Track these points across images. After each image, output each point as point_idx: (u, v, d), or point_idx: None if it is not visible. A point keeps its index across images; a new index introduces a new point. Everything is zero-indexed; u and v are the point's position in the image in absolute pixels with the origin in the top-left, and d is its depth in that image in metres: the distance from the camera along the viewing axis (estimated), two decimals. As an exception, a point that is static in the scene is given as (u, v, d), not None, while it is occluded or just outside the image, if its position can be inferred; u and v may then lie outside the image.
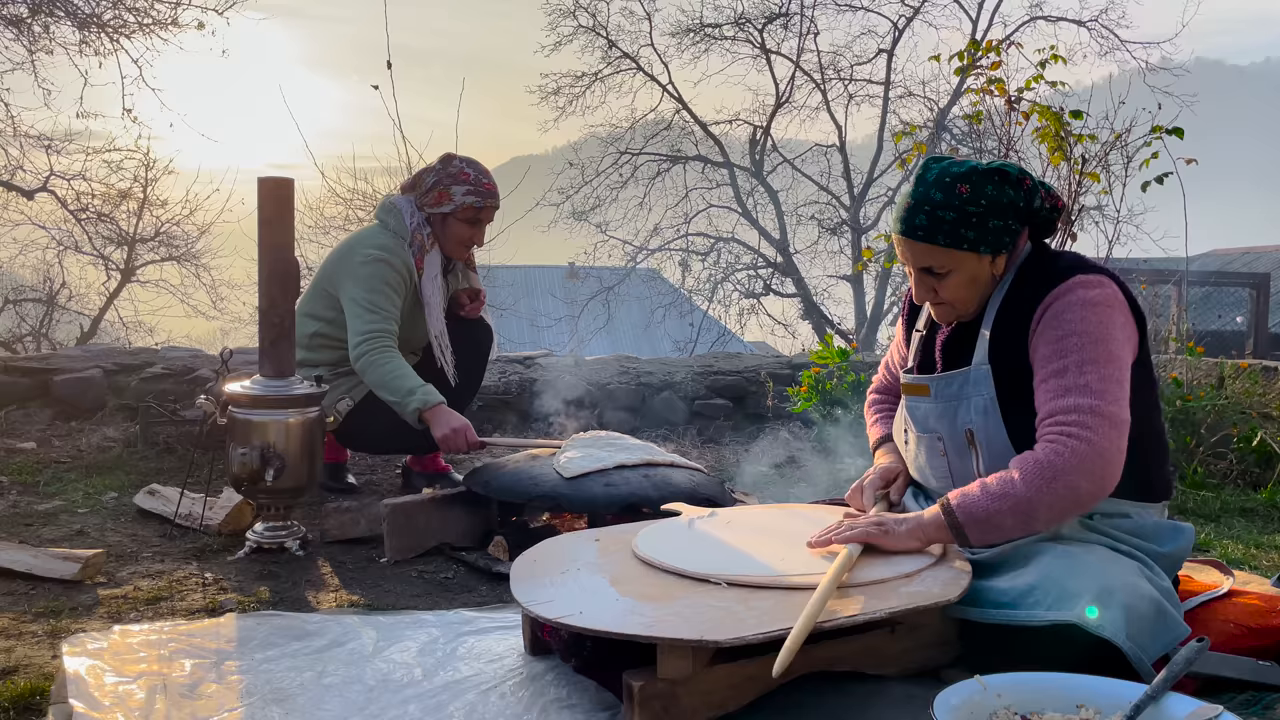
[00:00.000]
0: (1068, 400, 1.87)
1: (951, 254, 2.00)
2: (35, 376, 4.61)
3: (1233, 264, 14.75)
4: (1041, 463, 1.84)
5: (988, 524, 1.86)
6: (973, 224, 1.97)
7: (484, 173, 3.33)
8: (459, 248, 3.36)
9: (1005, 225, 2.00)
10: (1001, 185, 1.99)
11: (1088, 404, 1.85)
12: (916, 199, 2.01)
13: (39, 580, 2.52)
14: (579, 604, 1.77)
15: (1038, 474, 1.83)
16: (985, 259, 2.01)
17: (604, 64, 15.88)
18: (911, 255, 2.04)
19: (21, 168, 10.57)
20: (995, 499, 1.85)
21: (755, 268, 15.78)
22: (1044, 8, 15.50)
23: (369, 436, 3.41)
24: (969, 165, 2.01)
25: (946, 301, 2.07)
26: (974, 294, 2.05)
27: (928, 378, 2.16)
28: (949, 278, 2.02)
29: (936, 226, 1.98)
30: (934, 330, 2.22)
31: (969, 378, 2.06)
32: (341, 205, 9.05)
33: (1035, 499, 1.82)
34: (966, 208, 1.97)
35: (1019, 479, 1.84)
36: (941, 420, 2.11)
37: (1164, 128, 4.25)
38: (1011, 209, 2.00)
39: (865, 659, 1.81)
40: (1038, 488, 1.82)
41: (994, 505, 1.85)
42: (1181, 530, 2.05)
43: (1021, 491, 1.83)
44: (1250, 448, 4.17)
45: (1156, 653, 1.76)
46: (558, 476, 2.80)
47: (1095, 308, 1.93)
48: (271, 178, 2.79)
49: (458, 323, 3.48)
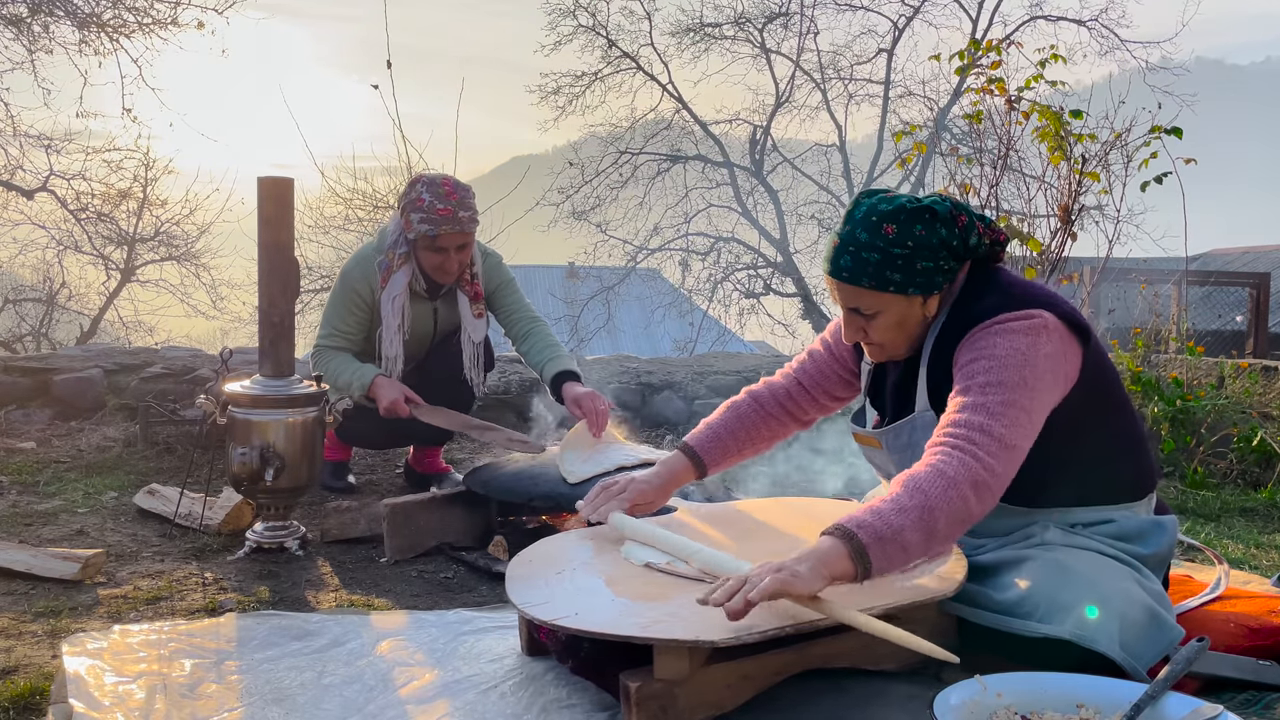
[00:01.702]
0: (962, 416, 1.79)
1: (878, 296, 1.93)
2: (35, 376, 4.61)
3: (1233, 264, 14.73)
4: (936, 470, 1.73)
5: (894, 542, 1.68)
6: (898, 266, 1.90)
7: (443, 196, 3.15)
8: (437, 273, 3.27)
9: (936, 266, 1.92)
10: (932, 224, 1.91)
11: (979, 422, 1.76)
12: (843, 238, 1.94)
13: (39, 580, 2.52)
14: (574, 605, 1.76)
15: (935, 481, 1.71)
16: (915, 300, 1.94)
17: (604, 63, 15.89)
18: (840, 295, 1.98)
19: (21, 167, 10.59)
20: (897, 514, 1.69)
21: (755, 267, 15.78)
22: (1044, 7, 15.53)
23: (370, 433, 3.42)
24: (898, 203, 1.93)
25: (876, 343, 2.02)
26: (902, 335, 2.00)
27: (877, 432, 2.12)
28: (877, 319, 1.97)
29: (861, 268, 1.91)
30: (883, 368, 2.17)
31: (915, 425, 2.03)
32: (341, 205, 9.06)
33: (936, 508, 1.69)
34: (891, 249, 1.89)
35: (917, 488, 1.71)
36: (900, 468, 2.02)
37: (1164, 127, 4.25)
38: (944, 248, 1.92)
39: (862, 655, 1.81)
40: (938, 496, 1.70)
41: (897, 520, 1.68)
42: (1164, 526, 2.02)
43: (921, 501, 1.69)
44: (1250, 447, 4.17)
45: (1152, 659, 1.75)
46: (558, 477, 2.80)
47: (1013, 335, 1.85)
48: (271, 177, 2.79)
49: (449, 363, 3.41)
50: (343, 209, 9.19)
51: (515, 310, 3.50)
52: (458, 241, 3.19)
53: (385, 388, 3.18)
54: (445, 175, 3.27)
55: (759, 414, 2.31)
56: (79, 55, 9.63)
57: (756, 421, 2.30)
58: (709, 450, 2.26)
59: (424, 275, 3.31)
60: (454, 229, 3.15)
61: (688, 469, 2.25)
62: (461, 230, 3.16)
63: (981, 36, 12.95)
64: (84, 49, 9.61)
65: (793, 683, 1.76)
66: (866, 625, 1.60)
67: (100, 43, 9.62)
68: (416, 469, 3.71)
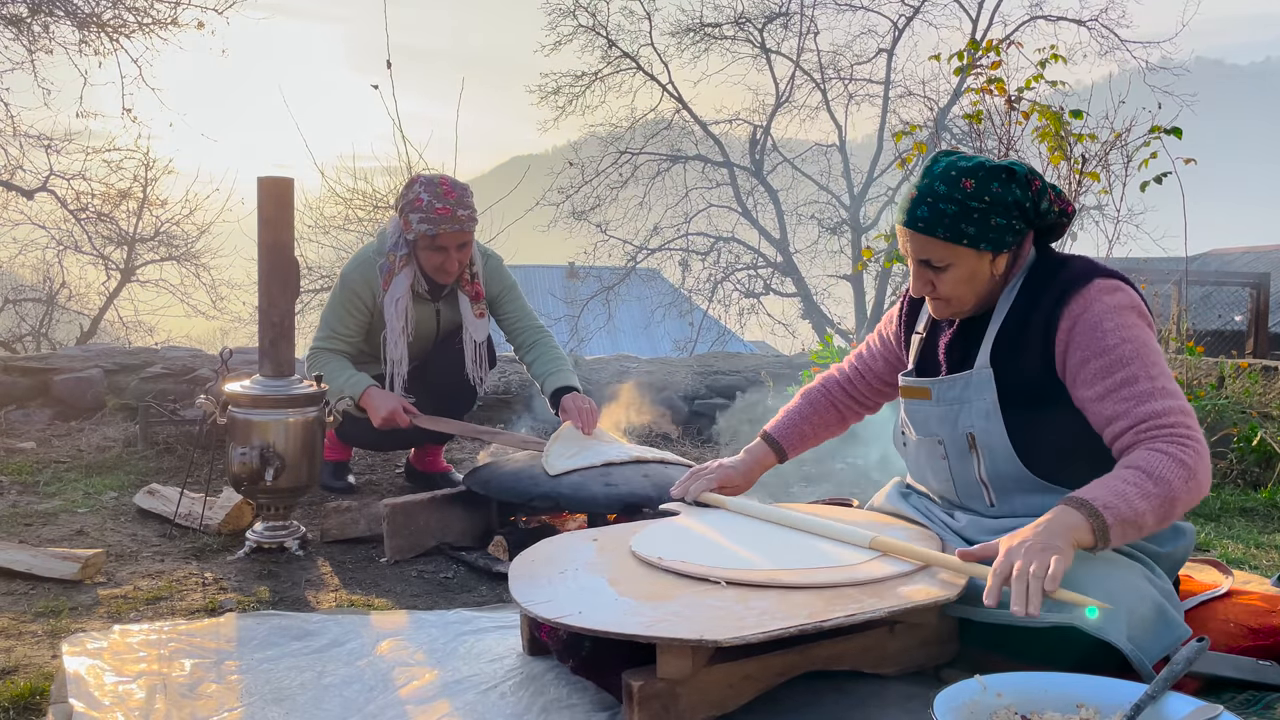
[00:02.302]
0: (1157, 404, 1.85)
1: (951, 248, 1.98)
2: (35, 376, 4.61)
3: (1233, 264, 14.74)
4: (1178, 460, 1.79)
5: (1133, 524, 1.77)
6: (974, 219, 1.95)
7: (441, 195, 3.16)
8: (438, 273, 3.27)
9: (1008, 224, 1.97)
10: (1008, 183, 1.97)
11: (1179, 406, 1.85)
12: (921, 190, 1.99)
13: (39, 580, 2.52)
14: (578, 604, 1.76)
15: (1179, 471, 1.78)
16: (985, 256, 1.99)
17: (604, 63, 15.92)
18: (912, 246, 2.03)
19: (21, 167, 10.60)
20: (1141, 499, 1.77)
21: (755, 267, 15.80)
22: (1044, 7, 15.56)
23: (371, 433, 3.42)
24: (977, 161, 1.99)
25: (942, 297, 2.05)
26: (971, 291, 2.03)
27: (929, 380, 2.14)
28: (947, 272, 2.01)
29: (937, 219, 1.96)
30: (935, 333, 2.21)
31: (970, 381, 2.05)
32: (341, 205, 9.07)
33: (1177, 498, 1.78)
34: (969, 202, 1.95)
35: (1161, 478, 1.78)
36: (943, 424, 2.10)
37: (1163, 127, 4.25)
38: (1016, 208, 1.97)
39: (864, 658, 1.81)
40: (1180, 486, 1.78)
41: (1141, 505, 1.76)
42: (1182, 530, 2.04)
43: (1165, 491, 1.77)
44: (1250, 447, 4.17)
45: (1158, 654, 1.76)
46: (557, 476, 2.80)
47: (1127, 311, 1.93)
48: (271, 177, 2.79)
49: (450, 362, 3.42)
50: (343, 209, 9.19)
51: (520, 319, 3.51)
52: (458, 240, 3.19)
53: (380, 399, 3.18)
54: (443, 175, 3.27)
55: (829, 401, 2.50)
56: (79, 55, 9.65)
57: (827, 407, 2.50)
58: (786, 436, 2.45)
59: (425, 277, 3.31)
60: (453, 228, 3.15)
61: (768, 454, 2.43)
62: (461, 229, 3.17)
63: (981, 36, 12.94)
64: (84, 49, 9.62)
65: (794, 684, 1.76)
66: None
67: (100, 43, 9.62)
68: (418, 467, 3.71)
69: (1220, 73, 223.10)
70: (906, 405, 2.21)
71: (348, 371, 3.25)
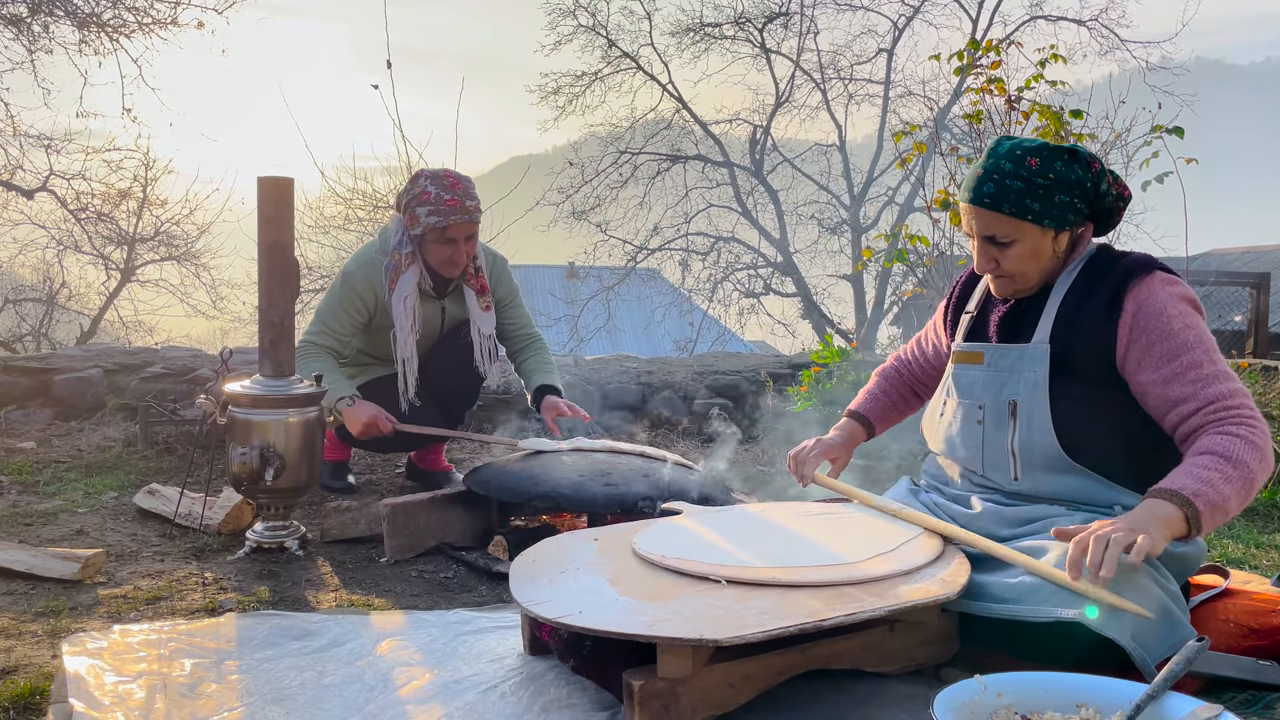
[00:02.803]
0: (1223, 387, 1.92)
1: (1015, 224, 2.05)
2: (35, 376, 4.61)
3: (1233, 264, 14.73)
4: (1250, 443, 1.86)
5: (1220, 509, 1.82)
6: (1039, 195, 2.02)
7: (449, 187, 3.19)
8: (445, 266, 3.29)
9: (1070, 203, 2.05)
10: (1071, 163, 2.04)
11: (1240, 389, 1.93)
12: (987, 168, 2.07)
13: (39, 580, 2.52)
14: (578, 603, 1.76)
15: (1254, 453, 1.85)
16: (1048, 233, 2.06)
17: (604, 63, 15.91)
18: (977, 223, 2.09)
19: (21, 167, 10.59)
20: (1225, 483, 1.82)
21: (755, 267, 15.79)
22: (1044, 7, 15.55)
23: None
24: (1041, 142, 2.08)
25: (1007, 274, 2.11)
26: (1035, 267, 2.10)
27: (984, 345, 2.20)
28: (1011, 248, 2.07)
29: (1003, 195, 2.03)
30: (987, 310, 2.26)
31: (1025, 353, 2.10)
32: (341, 205, 9.07)
33: (1255, 478, 1.85)
34: (1034, 179, 2.03)
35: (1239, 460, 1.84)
36: (988, 389, 2.14)
37: (1164, 127, 4.25)
38: (1078, 187, 2.05)
39: (865, 656, 1.81)
40: (1256, 468, 1.84)
41: (1226, 489, 1.82)
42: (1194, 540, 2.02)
43: (1245, 474, 1.83)
44: (1250, 447, 4.17)
45: (1161, 654, 1.75)
46: (559, 478, 2.81)
47: (1188, 303, 2.01)
48: (271, 177, 2.79)
49: (455, 357, 3.43)
50: (343, 209, 9.19)
51: (521, 325, 3.60)
52: (466, 231, 3.23)
53: (359, 409, 3.17)
54: (446, 169, 3.29)
55: (902, 379, 2.60)
56: (79, 55, 9.64)
57: (901, 386, 2.60)
58: (872, 411, 2.57)
59: (430, 274, 3.32)
60: (463, 219, 3.19)
61: (859, 430, 2.54)
62: (470, 219, 3.22)
63: (981, 36, 12.95)
64: (84, 49, 9.61)
65: (795, 683, 1.76)
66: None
67: (100, 43, 9.62)
68: (420, 466, 3.72)
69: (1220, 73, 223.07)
70: (955, 370, 2.25)
71: (332, 376, 3.21)
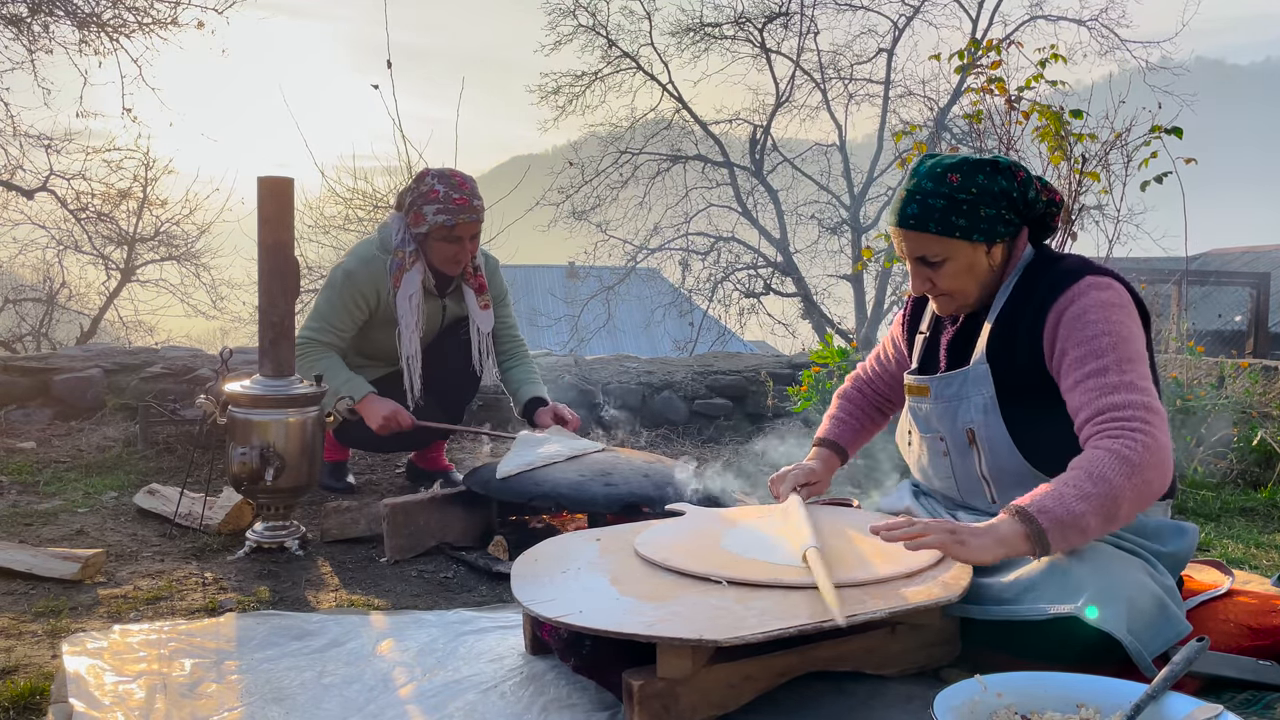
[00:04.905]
0: (1118, 397, 1.85)
1: (944, 242, 2.02)
2: (35, 376, 4.61)
3: (1233, 264, 14.74)
4: (1119, 456, 1.77)
5: (1074, 527, 1.74)
6: (963, 211, 2.00)
7: (457, 186, 3.21)
8: (449, 264, 3.30)
9: (998, 214, 2.02)
10: (993, 175, 2.02)
11: (1139, 400, 1.84)
12: (909, 190, 2.05)
13: (39, 580, 2.52)
14: (579, 603, 1.76)
15: (1120, 467, 1.76)
16: (980, 248, 2.03)
17: (604, 63, 15.88)
18: (907, 245, 2.07)
19: (21, 167, 10.58)
20: (1080, 499, 1.74)
21: (755, 267, 15.77)
22: (1044, 7, 15.54)
23: (369, 435, 3.42)
24: (961, 156, 2.05)
25: (945, 292, 2.09)
26: (972, 283, 2.06)
27: (928, 378, 2.17)
28: (944, 266, 2.05)
29: (928, 214, 2.01)
30: (938, 331, 2.23)
31: (968, 376, 2.07)
32: (341, 205, 9.06)
33: (1120, 495, 1.75)
34: (956, 195, 2.00)
35: (1101, 476, 1.76)
36: (943, 420, 2.12)
37: (1164, 127, 4.24)
38: (1004, 198, 2.02)
39: (866, 659, 1.81)
40: (1121, 483, 1.75)
41: (1080, 506, 1.74)
42: (1185, 530, 2.05)
43: (1105, 489, 1.75)
44: (1250, 447, 4.17)
45: (1158, 649, 1.76)
46: (559, 478, 2.81)
47: (1114, 308, 1.94)
48: (271, 176, 2.79)
49: (453, 355, 3.44)
50: (343, 209, 9.18)
51: (506, 328, 3.62)
52: (472, 230, 3.26)
53: (377, 404, 3.21)
54: (450, 168, 3.31)
55: (865, 399, 2.55)
56: (79, 55, 9.64)
57: (866, 405, 2.55)
58: (843, 437, 2.51)
59: (432, 271, 3.32)
60: (471, 218, 3.21)
61: (833, 458, 2.48)
62: (477, 219, 3.24)
63: (981, 36, 12.95)
64: (84, 49, 9.61)
65: (795, 684, 1.76)
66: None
67: (100, 42, 9.62)
68: (420, 465, 3.72)
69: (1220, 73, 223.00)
70: (910, 403, 2.24)
71: (345, 373, 3.25)
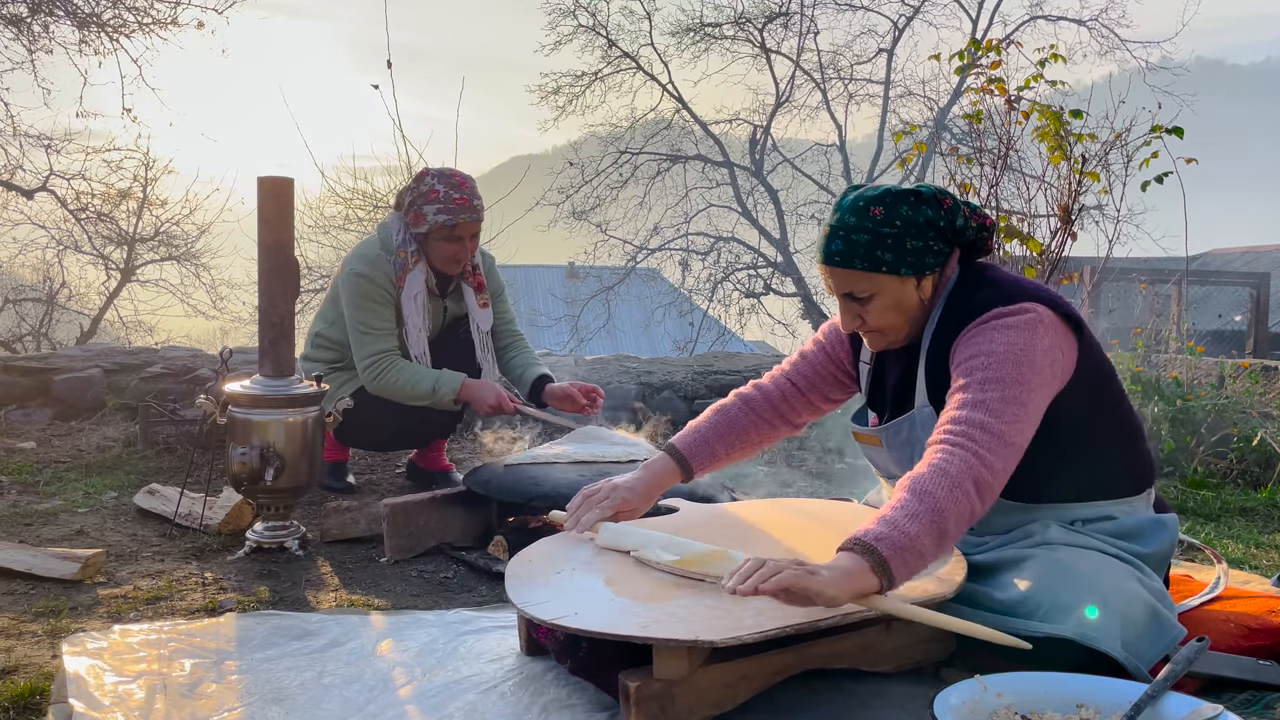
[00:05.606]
0: (962, 413, 1.78)
1: (870, 277, 1.95)
2: (35, 376, 4.61)
3: (1233, 264, 14.75)
4: (938, 469, 1.70)
5: (911, 550, 1.63)
6: (888, 245, 1.93)
7: (457, 186, 3.20)
8: (449, 264, 3.29)
9: (926, 245, 1.95)
10: (917, 205, 1.95)
11: (979, 419, 1.76)
12: (833, 226, 1.97)
13: (39, 580, 2.52)
14: (574, 604, 1.76)
15: (939, 481, 1.68)
16: (908, 281, 1.96)
17: (604, 63, 15.89)
18: (834, 282, 2.00)
19: (21, 167, 10.58)
20: (910, 520, 1.65)
21: (755, 267, 15.78)
22: (1044, 7, 15.56)
23: (369, 435, 3.42)
24: (883, 188, 1.98)
25: (875, 328, 2.02)
26: (901, 318, 2.00)
27: (877, 430, 2.13)
28: (872, 302, 1.98)
29: (852, 250, 1.94)
30: (882, 363, 2.17)
31: (914, 421, 2.04)
32: (341, 205, 9.06)
33: (945, 510, 1.66)
34: (880, 229, 1.93)
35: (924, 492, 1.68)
36: (901, 465, 2.07)
37: (1164, 127, 4.24)
38: (931, 228, 1.95)
39: (861, 656, 1.81)
40: (944, 497, 1.67)
41: (912, 528, 1.64)
42: (1165, 524, 2.03)
43: (930, 505, 1.66)
44: (1250, 447, 4.17)
45: (1153, 658, 1.76)
46: (558, 478, 2.81)
47: (1010, 330, 1.86)
48: (271, 177, 2.79)
49: (454, 353, 3.43)
50: (343, 209, 9.18)
51: (504, 323, 3.62)
52: (472, 230, 3.26)
53: (483, 389, 3.24)
54: (450, 167, 3.31)
55: (748, 417, 2.28)
56: (79, 55, 9.64)
57: (745, 425, 2.27)
58: (696, 453, 2.23)
59: (433, 271, 3.33)
60: (471, 217, 3.22)
61: (673, 471, 2.21)
62: (478, 218, 3.25)
63: (981, 36, 12.93)
64: (84, 49, 9.61)
65: (792, 683, 1.76)
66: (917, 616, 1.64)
67: (100, 43, 9.62)
68: (420, 465, 3.72)
69: (1220, 73, 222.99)
70: (864, 450, 2.20)
71: (428, 372, 3.24)
